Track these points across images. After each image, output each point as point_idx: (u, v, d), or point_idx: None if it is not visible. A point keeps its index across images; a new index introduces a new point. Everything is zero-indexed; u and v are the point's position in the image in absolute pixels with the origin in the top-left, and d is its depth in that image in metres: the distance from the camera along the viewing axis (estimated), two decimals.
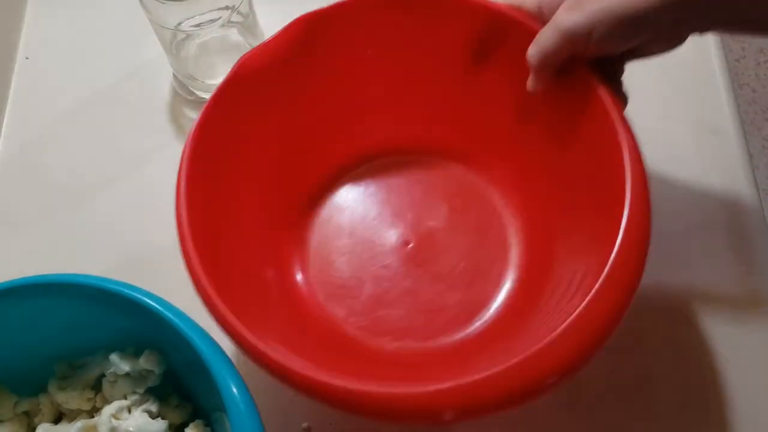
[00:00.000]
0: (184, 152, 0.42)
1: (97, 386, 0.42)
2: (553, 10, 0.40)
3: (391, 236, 0.50)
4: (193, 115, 0.57)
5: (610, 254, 0.35)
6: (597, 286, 0.35)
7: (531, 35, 0.42)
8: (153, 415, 0.40)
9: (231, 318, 0.36)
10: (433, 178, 0.52)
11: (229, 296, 0.38)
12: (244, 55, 0.46)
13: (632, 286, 0.35)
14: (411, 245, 0.49)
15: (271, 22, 0.58)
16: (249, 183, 0.47)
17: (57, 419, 0.43)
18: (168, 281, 0.49)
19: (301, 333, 0.45)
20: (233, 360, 0.37)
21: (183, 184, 0.41)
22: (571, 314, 0.34)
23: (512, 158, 0.49)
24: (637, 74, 0.57)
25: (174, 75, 0.58)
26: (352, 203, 0.51)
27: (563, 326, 0.34)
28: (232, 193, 0.45)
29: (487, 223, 0.50)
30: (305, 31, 0.46)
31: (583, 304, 0.34)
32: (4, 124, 0.58)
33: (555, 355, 0.34)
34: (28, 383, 0.43)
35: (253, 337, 0.36)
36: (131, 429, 0.39)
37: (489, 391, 0.33)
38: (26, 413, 0.42)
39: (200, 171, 0.42)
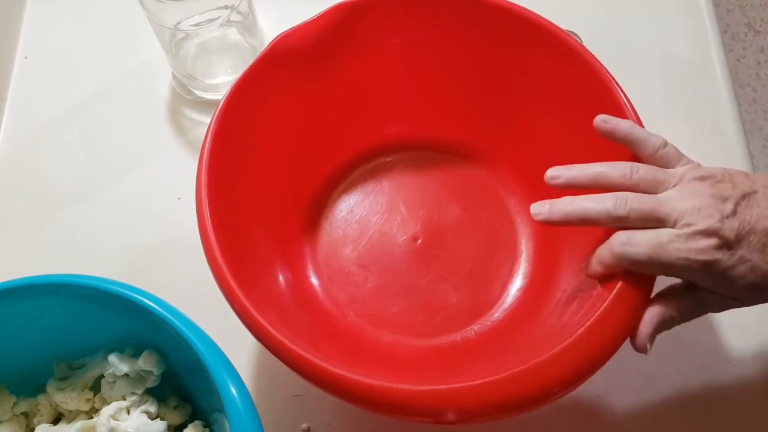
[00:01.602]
0: (209, 129, 0.42)
1: (95, 387, 0.42)
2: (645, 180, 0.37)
3: (401, 231, 0.50)
4: (193, 115, 0.57)
5: (619, 276, 0.36)
6: (605, 304, 0.35)
7: (563, 45, 0.42)
8: (152, 416, 0.40)
9: (238, 292, 0.37)
10: (451, 178, 0.51)
11: (239, 273, 0.38)
12: (282, 33, 0.46)
13: (640, 307, 0.36)
14: (420, 241, 0.49)
15: (271, 22, 0.58)
16: (266, 166, 0.47)
17: (56, 420, 0.43)
18: (167, 281, 0.49)
19: (302, 315, 0.45)
20: (232, 360, 0.36)
21: (205, 167, 0.41)
22: (580, 328, 0.34)
23: (532, 166, 0.48)
24: (638, 74, 0.57)
25: (173, 74, 0.58)
26: (366, 194, 0.51)
27: (572, 338, 0.34)
28: (250, 175, 0.45)
29: (498, 228, 0.49)
30: (342, 17, 0.46)
31: (593, 318, 0.35)
32: (3, 124, 0.58)
33: (565, 364, 0.34)
34: (27, 384, 0.42)
35: (259, 315, 0.36)
36: (130, 430, 0.39)
37: (498, 394, 0.34)
38: (25, 414, 0.42)
39: (221, 151, 0.42)
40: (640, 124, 0.40)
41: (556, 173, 0.38)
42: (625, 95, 0.41)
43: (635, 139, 0.39)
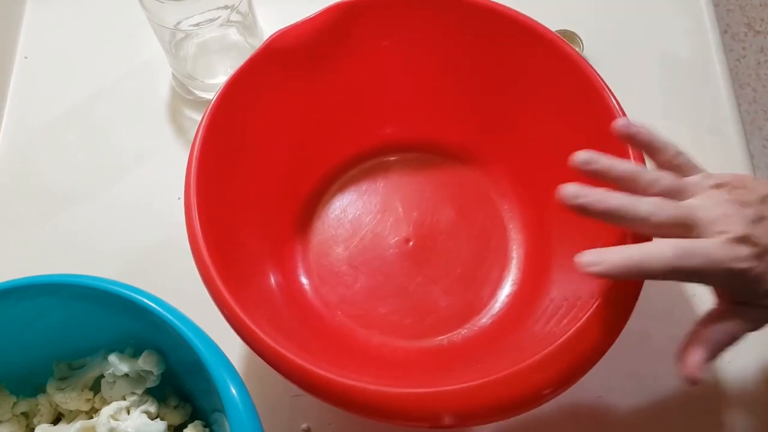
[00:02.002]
0: (199, 126, 0.42)
1: (95, 387, 0.42)
2: (682, 170, 0.37)
3: (393, 232, 0.50)
4: (193, 115, 0.57)
5: (605, 284, 0.36)
6: (591, 309, 0.35)
7: (555, 49, 0.42)
8: (152, 416, 0.40)
9: (228, 298, 0.37)
10: (445, 180, 0.51)
11: (228, 275, 0.38)
12: (278, 31, 0.45)
13: (623, 316, 0.36)
14: (411, 243, 0.49)
15: (271, 22, 0.58)
16: (259, 165, 0.47)
17: (56, 420, 0.43)
18: (167, 281, 0.49)
19: (293, 316, 0.45)
20: (232, 361, 0.36)
21: (194, 165, 0.41)
22: (568, 331, 0.35)
23: (526, 171, 0.49)
24: (638, 74, 0.57)
25: (173, 74, 0.58)
26: (360, 194, 0.51)
27: (560, 341, 0.34)
28: (242, 173, 0.45)
29: (491, 232, 0.49)
30: (338, 16, 0.46)
31: (581, 321, 0.35)
32: (3, 124, 0.58)
33: (556, 366, 0.34)
34: (27, 384, 0.42)
35: (254, 326, 0.36)
36: (130, 430, 0.39)
37: (491, 396, 0.34)
38: (25, 414, 0.42)
39: (212, 149, 0.42)
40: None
41: (590, 158, 0.36)
42: (617, 101, 0.41)
43: (656, 146, 0.38)
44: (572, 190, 0.35)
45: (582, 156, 0.36)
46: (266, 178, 0.47)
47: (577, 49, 0.46)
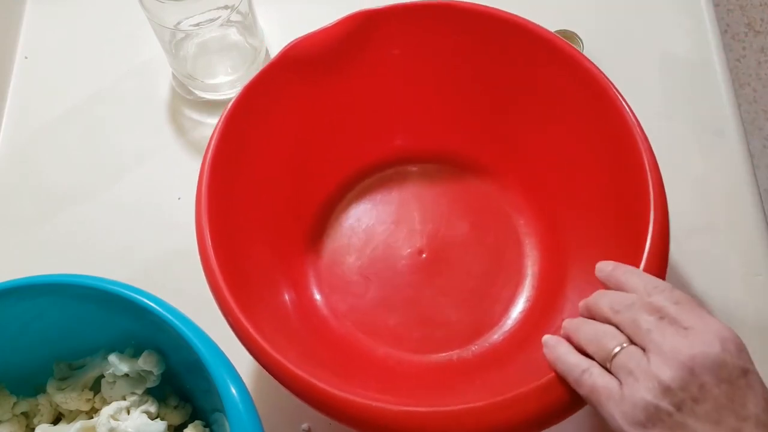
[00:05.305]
0: (210, 141, 0.42)
1: (96, 387, 0.42)
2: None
3: (407, 243, 0.49)
4: (193, 115, 0.57)
5: None
6: None
7: (573, 63, 0.42)
8: (152, 416, 0.40)
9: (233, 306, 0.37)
10: (461, 192, 0.50)
11: (238, 289, 0.38)
12: (295, 39, 0.45)
13: None
14: (424, 255, 0.48)
15: (271, 22, 0.58)
16: (272, 174, 0.46)
17: (56, 420, 0.43)
18: (167, 281, 0.49)
19: (301, 327, 0.45)
20: (232, 361, 0.36)
21: (206, 175, 0.41)
22: None
23: (542, 186, 0.48)
24: (638, 74, 0.57)
25: (173, 74, 0.58)
26: (375, 204, 0.50)
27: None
28: (255, 182, 0.45)
29: (505, 246, 0.48)
30: (356, 26, 0.46)
31: None
32: (3, 124, 0.58)
33: (566, 387, 0.34)
34: (27, 384, 0.42)
35: (259, 337, 0.36)
36: (130, 430, 0.38)
37: (497, 418, 0.33)
38: (25, 414, 0.42)
39: (225, 159, 0.42)
40: (645, 138, 0.40)
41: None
42: (631, 110, 0.41)
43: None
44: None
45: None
46: (280, 188, 0.47)
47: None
